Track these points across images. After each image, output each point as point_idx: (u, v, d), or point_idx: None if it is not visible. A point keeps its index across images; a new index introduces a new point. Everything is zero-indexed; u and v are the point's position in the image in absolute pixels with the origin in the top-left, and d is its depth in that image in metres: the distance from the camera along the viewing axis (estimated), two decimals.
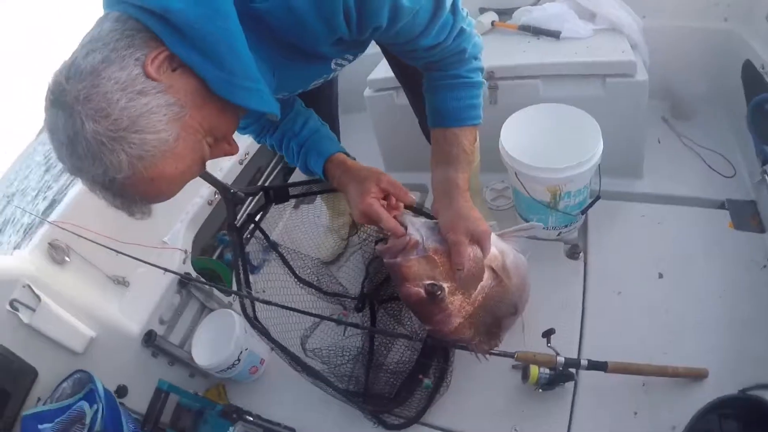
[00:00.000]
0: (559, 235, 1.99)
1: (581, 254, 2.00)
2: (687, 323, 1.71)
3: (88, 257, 2.01)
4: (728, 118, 2.41)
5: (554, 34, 2.17)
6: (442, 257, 1.15)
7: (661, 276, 1.86)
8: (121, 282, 2.13)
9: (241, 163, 2.75)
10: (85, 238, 1.87)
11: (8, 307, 1.69)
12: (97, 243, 1.86)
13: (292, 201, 1.90)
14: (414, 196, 1.64)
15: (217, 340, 2.00)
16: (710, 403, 1.37)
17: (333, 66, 1.13)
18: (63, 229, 1.88)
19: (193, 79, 0.81)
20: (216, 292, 2.37)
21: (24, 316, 1.71)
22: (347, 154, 1.36)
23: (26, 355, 1.70)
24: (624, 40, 2.08)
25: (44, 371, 1.72)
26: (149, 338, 2.03)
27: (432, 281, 1.13)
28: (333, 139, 1.41)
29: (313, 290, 2.00)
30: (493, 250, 1.24)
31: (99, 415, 1.55)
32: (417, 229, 1.16)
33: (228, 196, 1.81)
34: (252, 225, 1.90)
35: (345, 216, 2.30)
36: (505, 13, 2.47)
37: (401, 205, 1.21)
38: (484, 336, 1.31)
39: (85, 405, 1.60)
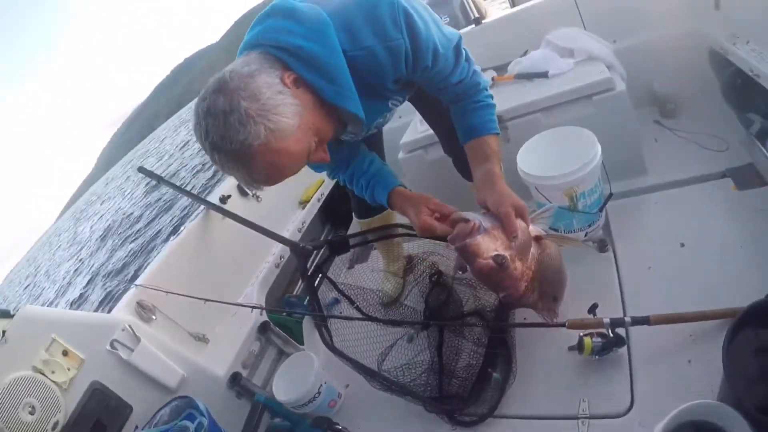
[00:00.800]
0: (586, 235, 2.20)
1: (609, 246, 2.19)
2: (716, 277, 1.81)
3: (172, 316, 2.30)
4: (710, 102, 2.69)
5: (544, 75, 2.58)
6: (498, 232, 1.37)
7: (683, 245, 2.01)
8: (202, 339, 2.40)
9: (299, 231, 3.11)
10: (174, 293, 2.17)
11: (108, 347, 1.94)
12: (186, 296, 2.17)
13: (347, 264, 2.25)
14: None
15: (297, 377, 2.13)
16: (739, 317, 1.36)
17: (390, 105, 1.58)
18: (153, 288, 2.20)
19: (311, 94, 1.21)
20: (292, 340, 2.59)
21: (123, 353, 1.95)
22: (404, 187, 1.74)
23: (122, 391, 1.93)
24: (600, 64, 2.46)
25: (139, 406, 1.94)
26: (234, 380, 2.22)
27: (496, 253, 1.32)
28: (393, 175, 1.79)
29: (380, 323, 2.14)
30: (532, 226, 1.52)
31: (202, 428, 1.72)
32: (473, 217, 1.36)
33: (297, 251, 2.19)
34: (320, 275, 2.20)
35: (400, 260, 2.53)
36: (501, 69, 2.91)
37: (451, 212, 1.48)
38: (546, 301, 1.57)
39: (187, 423, 1.77)
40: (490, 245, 1.32)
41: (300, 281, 2.99)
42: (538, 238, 1.56)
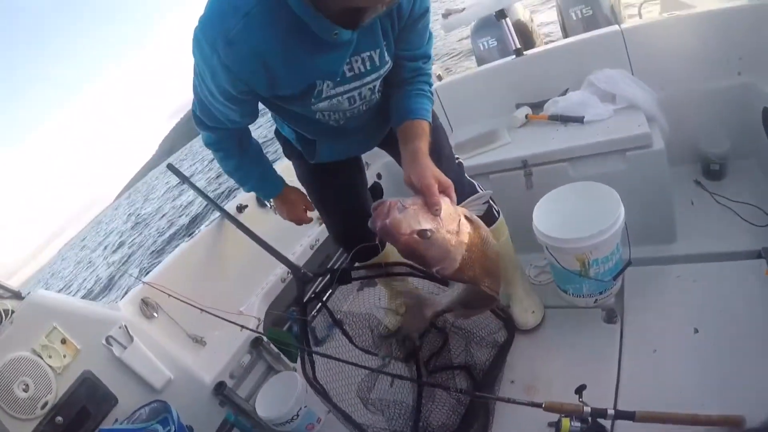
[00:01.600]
0: (595, 302, 2.09)
1: (618, 318, 2.05)
2: (723, 374, 1.67)
3: (173, 316, 2.39)
4: (758, 168, 2.51)
5: (579, 120, 2.44)
6: (420, 207, 1.26)
7: (696, 331, 1.85)
8: (199, 341, 2.49)
9: (312, 248, 3.07)
10: (175, 297, 2.24)
11: (104, 342, 2.10)
12: (184, 301, 2.22)
13: (356, 284, 2.24)
14: None
15: (280, 396, 2.22)
16: None
17: (379, 50, 1.47)
18: (156, 288, 2.29)
19: None
20: (283, 357, 2.62)
21: (116, 350, 2.10)
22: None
23: (111, 383, 2.07)
24: (641, 115, 2.28)
25: (124, 400, 2.08)
26: (220, 388, 2.29)
27: (420, 228, 1.21)
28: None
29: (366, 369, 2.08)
30: (460, 208, 1.37)
31: None
32: (392, 200, 1.25)
33: (298, 275, 2.21)
34: (319, 303, 2.19)
35: (401, 297, 2.46)
36: (537, 106, 2.77)
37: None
38: (487, 279, 1.41)
39: (159, 427, 1.89)
40: (410, 221, 1.22)
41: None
42: (469, 219, 1.40)
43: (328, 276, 2.17)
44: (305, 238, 3.05)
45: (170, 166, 2.84)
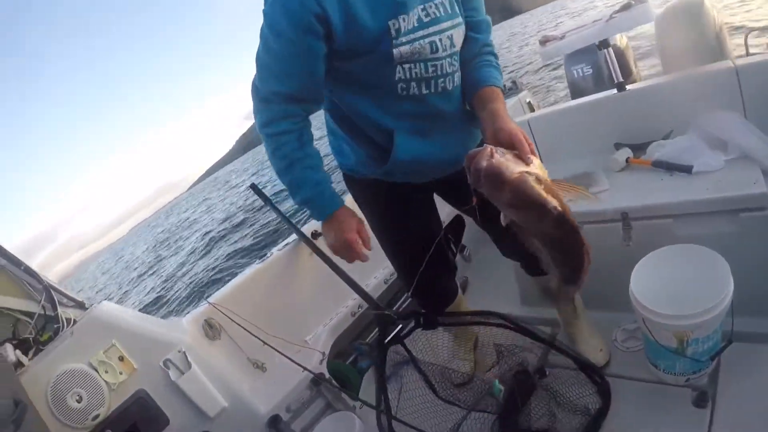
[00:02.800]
0: (687, 380, 1.93)
1: (709, 402, 1.83)
2: None
3: (236, 339, 2.37)
4: None
5: (686, 169, 2.24)
6: (515, 157, 1.28)
7: None
8: (260, 366, 2.48)
9: (386, 282, 3.01)
10: (238, 324, 2.20)
11: (161, 364, 2.11)
12: (248, 331, 2.19)
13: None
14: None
15: None
16: None
17: None
18: (221, 311, 2.27)
19: None
20: (344, 395, 2.54)
21: (173, 374, 2.12)
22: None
23: (164, 405, 2.08)
24: (756, 169, 2.07)
25: (176, 422, 2.09)
26: (274, 422, 2.28)
27: (523, 170, 1.24)
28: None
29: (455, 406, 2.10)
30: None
31: None
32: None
33: (382, 315, 2.10)
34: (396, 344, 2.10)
35: (470, 341, 2.45)
36: (639, 148, 2.57)
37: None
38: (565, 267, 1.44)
39: None
40: (512, 165, 1.24)
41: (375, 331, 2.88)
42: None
43: (413, 319, 2.10)
44: (380, 270, 3.00)
45: (253, 186, 2.84)
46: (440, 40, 1.52)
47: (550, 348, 2.11)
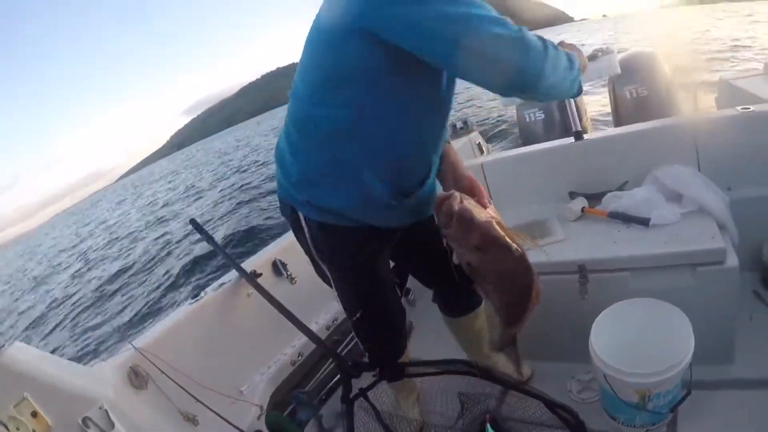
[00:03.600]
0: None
1: None
2: None
3: (165, 389, 2.14)
4: None
5: (643, 222, 2.22)
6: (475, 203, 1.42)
7: None
8: (191, 420, 2.21)
9: (328, 329, 2.89)
10: (166, 375, 2.05)
11: (80, 422, 1.85)
12: (176, 383, 2.04)
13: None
14: None
15: None
16: None
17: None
18: (147, 359, 2.08)
19: None
20: None
21: None
22: None
23: None
24: (712, 223, 2.08)
25: None
26: None
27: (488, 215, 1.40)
28: None
29: None
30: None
31: None
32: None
33: (345, 368, 2.05)
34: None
35: (412, 395, 2.35)
36: (594, 198, 2.55)
37: None
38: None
39: None
40: (478, 210, 1.40)
41: (318, 376, 2.76)
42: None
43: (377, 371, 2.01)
44: (322, 316, 2.88)
45: (193, 222, 2.77)
46: None
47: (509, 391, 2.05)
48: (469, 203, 1.37)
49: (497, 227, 1.39)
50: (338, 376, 2.46)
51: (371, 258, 1.85)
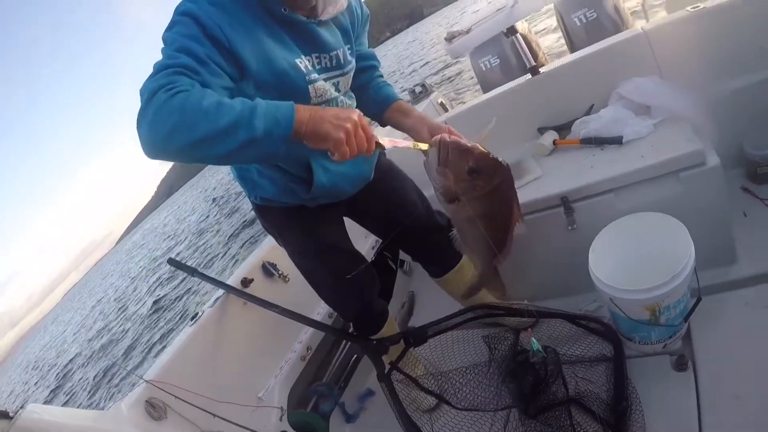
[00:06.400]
0: (664, 347, 1.92)
1: (689, 363, 1.85)
2: None
3: (185, 413, 2.13)
4: None
5: (617, 141, 2.24)
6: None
7: None
8: None
9: (331, 317, 2.90)
10: (182, 400, 2.04)
11: None
12: (194, 405, 2.04)
13: None
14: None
15: None
16: None
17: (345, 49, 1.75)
18: (161, 389, 2.06)
19: None
20: None
21: None
22: None
23: None
24: (687, 127, 2.10)
25: None
26: None
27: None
28: None
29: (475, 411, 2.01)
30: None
31: None
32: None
33: (370, 348, 2.13)
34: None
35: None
36: (563, 129, 2.58)
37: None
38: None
39: None
40: (464, 140, 1.59)
41: (332, 366, 2.76)
42: None
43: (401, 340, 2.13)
44: (322, 306, 2.87)
45: (171, 261, 2.77)
46: (339, 81, 1.75)
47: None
48: (457, 137, 1.58)
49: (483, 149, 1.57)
50: (353, 358, 2.52)
51: (315, 229, 2.02)
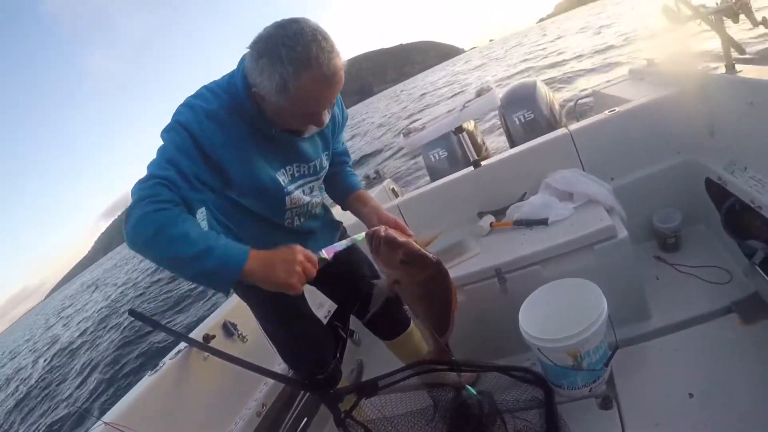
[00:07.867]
0: (590, 390, 2.18)
1: (614, 402, 2.14)
2: (728, 427, 1.84)
3: None
4: (710, 232, 2.88)
5: (543, 222, 2.64)
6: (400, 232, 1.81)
7: (691, 396, 2.01)
8: None
9: (289, 372, 2.96)
10: None
11: None
12: None
13: None
14: None
15: None
16: None
17: (322, 155, 1.97)
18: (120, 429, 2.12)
19: None
20: None
21: None
22: None
23: None
24: (600, 209, 2.52)
25: None
26: None
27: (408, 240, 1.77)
28: None
29: None
30: None
31: None
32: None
33: (327, 396, 2.23)
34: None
35: None
36: (500, 213, 2.97)
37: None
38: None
39: None
40: (399, 234, 1.77)
41: (286, 423, 2.89)
42: None
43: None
44: (277, 366, 2.98)
45: (132, 312, 2.67)
46: (311, 186, 2.00)
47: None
48: (392, 231, 1.77)
49: (415, 244, 1.77)
50: (304, 421, 2.65)
51: (288, 300, 2.06)
